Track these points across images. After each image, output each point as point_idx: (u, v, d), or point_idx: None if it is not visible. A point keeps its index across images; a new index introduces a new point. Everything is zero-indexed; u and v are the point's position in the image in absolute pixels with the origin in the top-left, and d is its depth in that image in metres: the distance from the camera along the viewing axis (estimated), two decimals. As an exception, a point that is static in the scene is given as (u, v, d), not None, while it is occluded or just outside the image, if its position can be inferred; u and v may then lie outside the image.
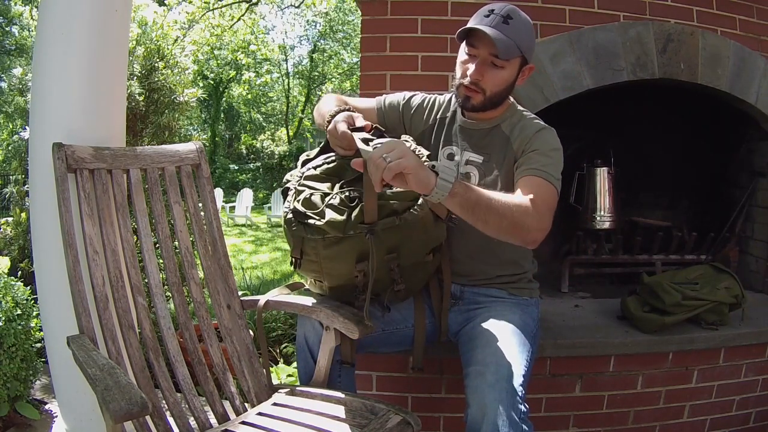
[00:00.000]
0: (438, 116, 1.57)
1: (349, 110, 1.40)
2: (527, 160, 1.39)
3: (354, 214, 1.25)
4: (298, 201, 1.32)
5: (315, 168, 1.38)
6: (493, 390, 1.18)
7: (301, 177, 1.38)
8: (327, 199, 1.30)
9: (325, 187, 1.35)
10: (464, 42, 1.39)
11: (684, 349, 1.83)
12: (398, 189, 1.24)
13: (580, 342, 1.79)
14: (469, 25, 1.36)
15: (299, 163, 1.48)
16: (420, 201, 1.28)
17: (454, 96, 1.53)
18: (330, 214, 1.25)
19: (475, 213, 1.18)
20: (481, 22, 1.34)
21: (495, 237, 1.24)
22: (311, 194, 1.32)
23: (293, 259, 1.37)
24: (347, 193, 1.29)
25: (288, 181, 1.44)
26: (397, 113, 1.59)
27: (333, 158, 1.39)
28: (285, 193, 1.40)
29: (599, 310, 2.09)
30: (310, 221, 1.28)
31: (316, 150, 1.49)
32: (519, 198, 1.27)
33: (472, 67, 1.37)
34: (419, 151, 1.35)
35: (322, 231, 1.26)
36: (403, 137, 1.43)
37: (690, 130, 2.52)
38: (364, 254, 1.27)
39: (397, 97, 1.61)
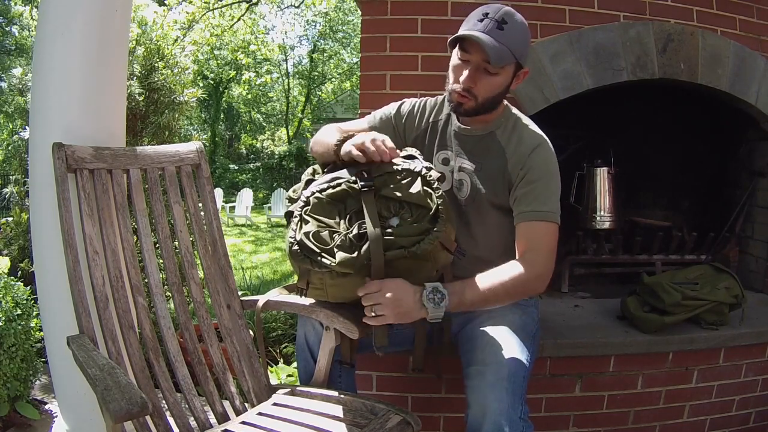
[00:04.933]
0: (431, 120, 1.55)
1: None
2: (525, 197, 1.37)
3: (363, 249, 1.22)
4: (305, 234, 1.27)
5: (320, 192, 1.32)
6: (493, 390, 1.18)
7: (306, 203, 1.32)
8: (336, 238, 1.25)
9: (332, 221, 1.29)
10: (457, 46, 1.37)
11: (684, 349, 1.83)
12: (404, 225, 1.25)
13: (580, 342, 1.79)
14: (462, 29, 1.33)
15: (302, 182, 1.43)
16: (431, 235, 1.24)
17: (447, 99, 1.52)
18: (340, 255, 1.22)
19: (477, 308, 1.31)
20: (475, 27, 1.30)
21: None
22: (319, 230, 1.27)
23: (299, 289, 1.35)
24: (356, 231, 1.24)
25: (291, 199, 1.41)
26: (390, 125, 1.57)
27: (338, 182, 1.32)
28: (288, 217, 1.36)
29: (599, 310, 2.09)
30: (319, 258, 1.24)
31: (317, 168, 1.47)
32: (513, 270, 1.30)
33: (464, 73, 1.35)
34: (431, 176, 1.29)
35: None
36: (409, 150, 1.39)
37: (690, 130, 2.52)
38: None
39: (388, 110, 1.59)
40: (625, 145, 2.45)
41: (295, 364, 2.15)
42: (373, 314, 1.20)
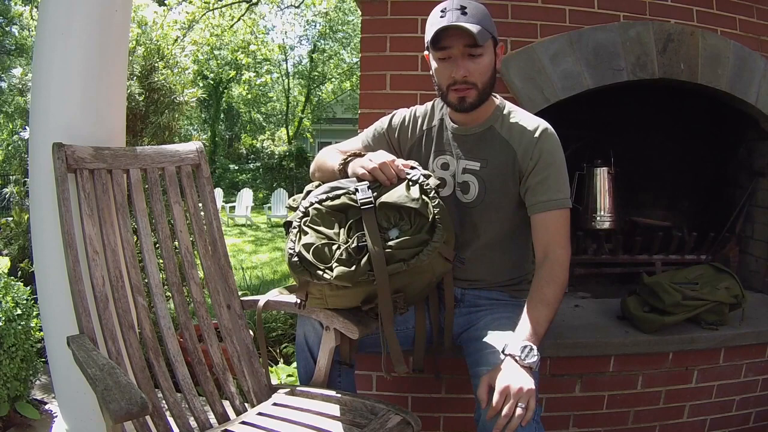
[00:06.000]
0: (424, 127, 1.54)
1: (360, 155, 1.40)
2: (539, 186, 1.38)
3: (362, 262, 1.21)
4: (303, 246, 1.26)
5: (320, 203, 1.31)
6: None
7: (305, 213, 1.32)
8: (335, 250, 1.25)
9: (331, 232, 1.28)
10: (433, 50, 1.36)
11: (684, 349, 1.83)
12: (403, 237, 1.24)
13: (580, 342, 1.79)
14: (433, 30, 1.33)
15: (304, 192, 1.43)
16: (429, 246, 1.24)
17: (440, 104, 1.51)
18: (338, 270, 1.22)
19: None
20: (441, 23, 1.31)
21: None
22: (317, 243, 1.26)
23: (298, 301, 1.35)
24: (355, 244, 1.24)
25: (291, 208, 1.40)
26: (384, 140, 1.57)
27: (338, 194, 1.32)
28: (288, 227, 1.35)
29: (599, 310, 2.09)
30: (318, 272, 1.24)
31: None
32: (551, 278, 1.32)
33: (453, 67, 1.35)
34: (428, 184, 1.30)
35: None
36: (409, 162, 1.39)
37: (690, 130, 2.52)
38: (370, 296, 1.26)
39: (380, 125, 1.60)
40: (625, 145, 2.45)
41: (295, 364, 2.15)
42: (521, 409, 1.10)
